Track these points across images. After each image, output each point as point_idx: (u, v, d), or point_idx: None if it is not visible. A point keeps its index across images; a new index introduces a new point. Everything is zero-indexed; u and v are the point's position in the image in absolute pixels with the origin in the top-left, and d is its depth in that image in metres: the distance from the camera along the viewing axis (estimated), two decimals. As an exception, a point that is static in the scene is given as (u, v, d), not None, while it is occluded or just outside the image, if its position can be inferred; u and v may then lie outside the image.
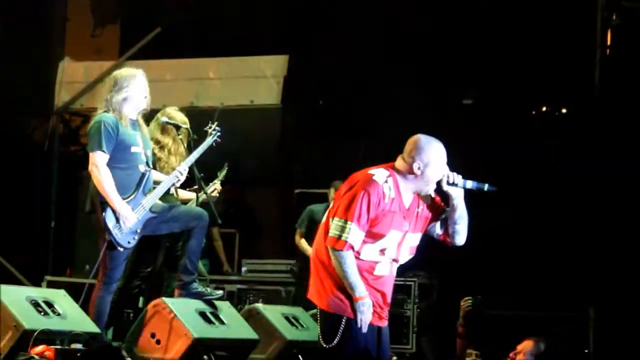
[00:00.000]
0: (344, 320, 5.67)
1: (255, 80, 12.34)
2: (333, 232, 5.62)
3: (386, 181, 5.68)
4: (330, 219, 5.70)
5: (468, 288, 9.03)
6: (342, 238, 5.59)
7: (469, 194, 5.83)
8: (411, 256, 5.87)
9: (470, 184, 5.81)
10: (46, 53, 13.40)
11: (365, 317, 5.65)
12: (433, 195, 5.86)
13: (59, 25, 13.52)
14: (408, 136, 5.82)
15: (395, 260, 5.81)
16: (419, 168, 5.70)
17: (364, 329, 5.66)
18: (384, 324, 5.87)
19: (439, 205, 5.90)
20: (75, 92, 13.20)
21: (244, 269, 11.50)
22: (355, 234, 5.59)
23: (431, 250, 6.12)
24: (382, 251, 5.73)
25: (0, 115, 12.74)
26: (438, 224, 5.91)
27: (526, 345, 7.16)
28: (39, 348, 6.60)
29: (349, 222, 5.59)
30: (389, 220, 5.68)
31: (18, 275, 11.85)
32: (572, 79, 10.83)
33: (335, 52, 11.89)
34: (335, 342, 5.65)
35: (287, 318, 8.50)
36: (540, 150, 11.09)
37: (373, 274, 5.74)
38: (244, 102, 12.35)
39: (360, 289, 5.63)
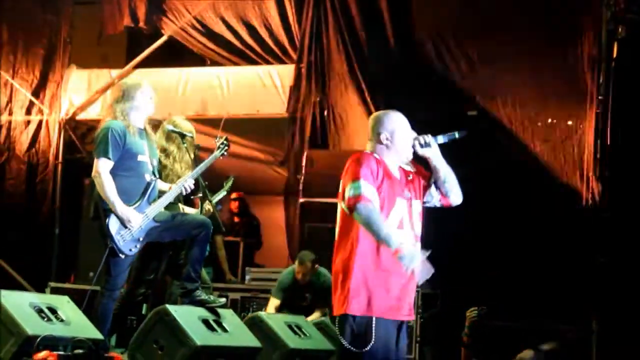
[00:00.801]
0: (374, 320, 5.63)
1: (262, 89, 12.37)
2: (347, 196, 5.63)
3: (372, 154, 5.79)
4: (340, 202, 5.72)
5: (471, 299, 9.04)
6: (355, 193, 5.59)
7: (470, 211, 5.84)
8: (422, 224, 5.85)
9: (441, 138, 5.87)
10: (52, 60, 13.41)
11: (414, 264, 5.50)
12: (414, 169, 5.92)
13: (65, 33, 13.53)
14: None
15: (415, 239, 5.77)
16: (387, 138, 5.81)
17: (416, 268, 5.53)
18: (404, 318, 5.79)
19: (424, 174, 5.96)
20: (81, 100, 13.25)
21: (247, 277, 11.50)
22: (366, 186, 5.61)
23: (435, 261, 6.11)
24: (400, 224, 5.73)
25: (7, 123, 12.78)
26: (434, 191, 5.93)
27: (525, 354, 7.16)
28: (42, 354, 6.61)
29: (355, 181, 5.62)
30: (391, 188, 5.73)
31: (21, 281, 11.87)
32: (578, 91, 10.84)
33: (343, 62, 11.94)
34: (370, 345, 5.58)
35: (290, 326, 8.52)
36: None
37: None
38: (250, 111, 12.37)
39: (395, 238, 5.53)
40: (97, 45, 13.68)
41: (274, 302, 10.24)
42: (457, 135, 5.89)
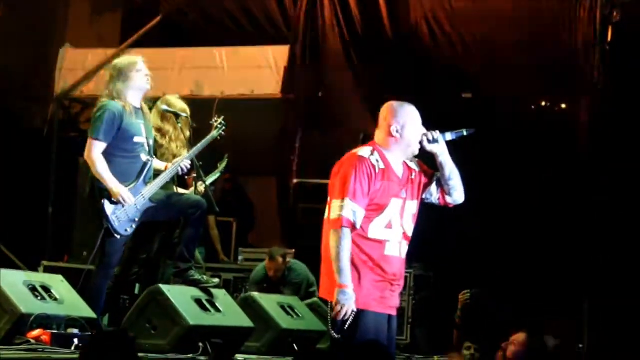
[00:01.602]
0: (358, 311, 5.62)
1: (256, 70, 12.36)
2: (331, 214, 5.66)
3: (372, 154, 5.76)
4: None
5: (464, 281, 9.08)
6: (338, 215, 5.61)
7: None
8: (414, 225, 5.86)
9: (449, 136, 5.88)
10: (47, 39, 13.40)
11: (345, 307, 5.57)
12: (417, 167, 5.91)
13: (60, 12, 13.51)
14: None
15: (404, 237, 5.80)
16: (397, 131, 5.78)
17: (342, 318, 5.58)
18: (394, 312, 5.86)
19: (427, 171, 5.95)
20: (75, 79, 13.22)
21: (240, 257, 11.53)
22: (350, 208, 5.60)
23: (427, 243, 6.14)
24: (389, 225, 5.74)
25: (1, 101, 12.76)
26: (434, 189, 5.93)
27: (518, 337, 7.19)
28: (36, 332, 6.65)
29: (343, 200, 5.61)
30: (386, 190, 5.72)
31: (15, 260, 11.87)
32: (572, 74, 10.86)
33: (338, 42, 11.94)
34: (345, 332, 5.60)
35: (282, 307, 8.54)
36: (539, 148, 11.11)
37: (384, 254, 5.72)
38: (245, 91, 12.37)
39: (346, 277, 5.58)
40: (92, 25, 13.66)
41: None
42: (465, 133, 5.91)
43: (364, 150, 5.78)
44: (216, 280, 8.19)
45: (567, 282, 10.22)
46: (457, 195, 5.95)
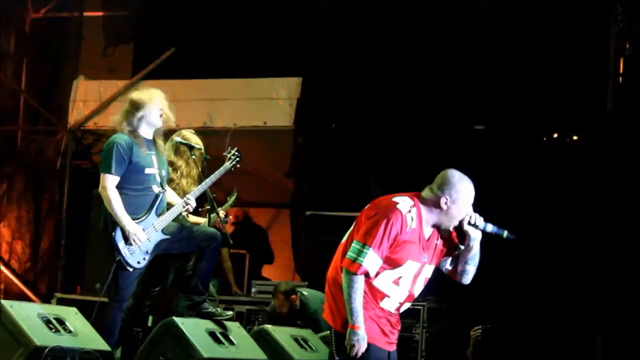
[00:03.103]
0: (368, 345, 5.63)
1: (269, 102, 12.41)
2: (350, 254, 5.63)
3: (409, 211, 5.67)
4: (351, 241, 5.74)
5: (476, 314, 9.06)
6: (358, 261, 5.59)
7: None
8: (424, 287, 5.87)
9: (490, 227, 5.82)
10: (61, 71, 13.48)
11: (356, 347, 5.59)
12: (451, 230, 5.88)
13: (73, 44, 13.60)
14: (419, 159, 5.86)
15: (409, 298, 5.80)
16: (446, 203, 5.69)
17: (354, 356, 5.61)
18: (394, 348, 5.86)
19: (454, 241, 5.89)
20: (88, 110, 13.29)
21: (253, 289, 11.51)
22: (371, 259, 5.59)
23: (440, 276, 6.13)
24: (397, 281, 5.72)
25: (15, 131, 12.83)
26: (449, 259, 5.91)
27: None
28: (50, 365, 6.66)
29: (367, 247, 5.58)
30: (407, 250, 5.67)
31: (28, 292, 11.89)
32: (584, 106, 10.87)
33: (348, 76, 11.97)
34: None
35: (295, 340, 8.54)
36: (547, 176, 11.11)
37: (379, 306, 5.73)
38: (257, 123, 12.41)
39: (359, 319, 5.60)
40: (105, 57, 13.75)
41: None
42: (505, 235, 5.87)
43: (403, 204, 5.70)
44: (230, 312, 8.19)
45: (581, 315, 10.17)
46: (467, 279, 5.93)
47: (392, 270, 5.70)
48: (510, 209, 10.91)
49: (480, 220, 5.79)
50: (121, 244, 7.30)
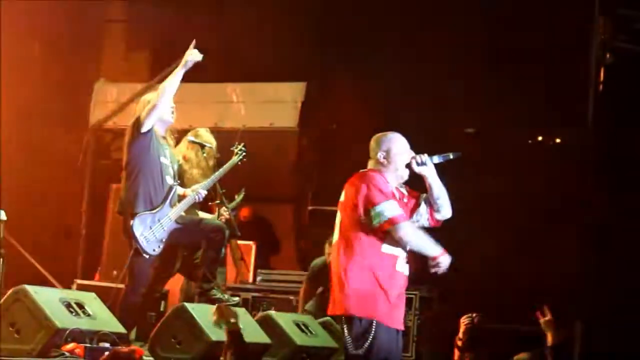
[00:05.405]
0: (374, 323, 5.69)
1: (275, 104, 12.47)
2: (378, 220, 5.66)
3: (379, 172, 5.84)
4: (342, 234, 5.77)
5: (467, 302, 9.09)
6: (387, 217, 5.63)
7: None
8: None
9: (436, 159, 5.94)
10: (83, 74, 13.54)
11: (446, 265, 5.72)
12: (406, 192, 5.96)
13: (95, 48, 13.66)
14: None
15: (408, 256, 5.86)
16: (384, 157, 5.83)
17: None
18: (400, 327, 5.89)
19: (415, 194, 6.01)
20: (108, 111, 13.35)
21: (259, 278, 11.57)
22: (392, 207, 5.65)
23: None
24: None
25: (40, 131, 12.88)
26: (423, 210, 5.99)
27: (521, 357, 7.15)
28: (70, 346, 6.71)
29: (379, 205, 5.65)
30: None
31: (51, 278, 11.96)
32: (567, 112, 10.92)
33: (350, 80, 12.03)
34: (366, 346, 5.64)
35: (297, 325, 8.59)
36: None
37: (395, 269, 5.76)
38: (264, 124, 12.47)
39: (437, 247, 5.71)
40: (125, 61, 13.80)
41: None
42: (451, 156, 5.97)
43: (371, 171, 5.86)
44: (236, 298, 8.27)
45: (563, 302, 10.19)
46: (445, 211, 6.01)
47: None
48: (499, 207, 10.97)
49: (425, 157, 5.89)
50: (138, 232, 7.39)
